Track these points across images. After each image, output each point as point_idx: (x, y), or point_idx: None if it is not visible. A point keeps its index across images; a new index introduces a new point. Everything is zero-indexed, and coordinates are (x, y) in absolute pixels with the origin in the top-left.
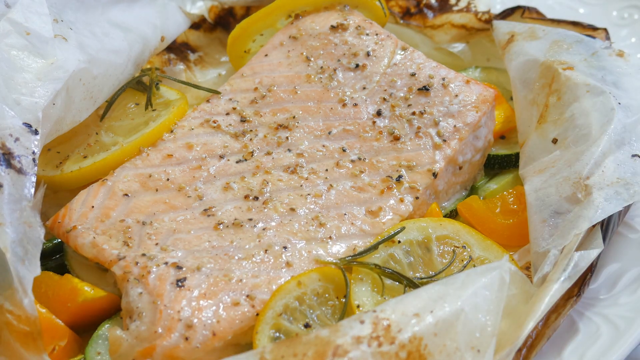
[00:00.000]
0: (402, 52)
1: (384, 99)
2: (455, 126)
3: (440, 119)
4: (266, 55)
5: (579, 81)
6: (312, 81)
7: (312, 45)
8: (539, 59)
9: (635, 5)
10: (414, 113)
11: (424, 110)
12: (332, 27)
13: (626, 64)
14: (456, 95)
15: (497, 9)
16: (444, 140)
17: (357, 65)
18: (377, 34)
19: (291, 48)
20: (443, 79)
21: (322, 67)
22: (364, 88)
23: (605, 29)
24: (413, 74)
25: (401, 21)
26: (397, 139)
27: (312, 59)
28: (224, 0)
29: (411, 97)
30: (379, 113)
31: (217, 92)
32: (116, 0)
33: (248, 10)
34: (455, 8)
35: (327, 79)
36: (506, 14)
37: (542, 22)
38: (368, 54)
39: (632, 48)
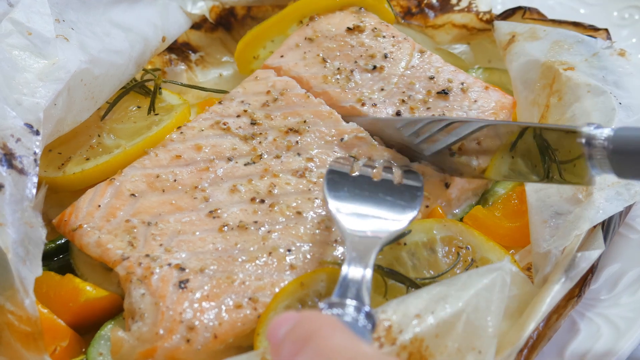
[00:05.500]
0: (420, 55)
1: (403, 101)
2: None
3: None
4: (282, 56)
5: (580, 81)
6: (329, 82)
7: (329, 47)
8: (540, 59)
9: (636, 6)
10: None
11: (443, 114)
12: (349, 28)
13: (628, 63)
14: (475, 101)
15: (498, 9)
16: None
17: (375, 67)
18: (393, 36)
19: (307, 49)
20: (462, 83)
21: (339, 69)
22: (382, 89)
23: (606, 30)
24: (432, 77)
25: (402, 21)
26: None
27: (328, 61)
28: (225, 0)
29: (430, 100)
30: (397, 114)
31: (223, 92)
32: (117, 0)
33: (249, 10)
34: (456, 8)
35: (345, 80)
36: (507, 15)
37: (543, 23)
38: (385, 56)
39: (633, 48)
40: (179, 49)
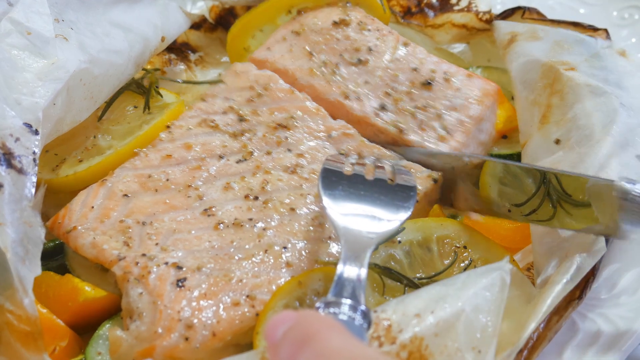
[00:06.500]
0: (404, 48)
1: (387, 93)
2: (459, 119)
3: (444, 112)
4: (268, 49)
5: (580, 82)
6: (314, 75)
7: (315, 40)
8: (541, 59)
9: (635, 6)
10: (417, 107)
11: (427, 104)
12: (335, 22)
13: (628, 62)
14: (459, 89)
15: (498, 9)
16: (449, 133)
17: (360, 60)
18: (378, 30)
19: (294, 42)
20: (445, 73)
21: (324, 62)
22: (367, 82)
23: (605, 30)
24: (415, 69)
25: (402, 20)
26: (400, 131)
27: (314, 54)
28: (224, 0)
29: (414, 91)
30: (382, 107)
31: (220, 81)
32: (117, 0)
33: (248, 10)
34: (456, 7)
35: (330, 73)
36: (507, 15)
37: (542, 23)
38: (370, 49)
39: (633, 48)
40: (179, 49)
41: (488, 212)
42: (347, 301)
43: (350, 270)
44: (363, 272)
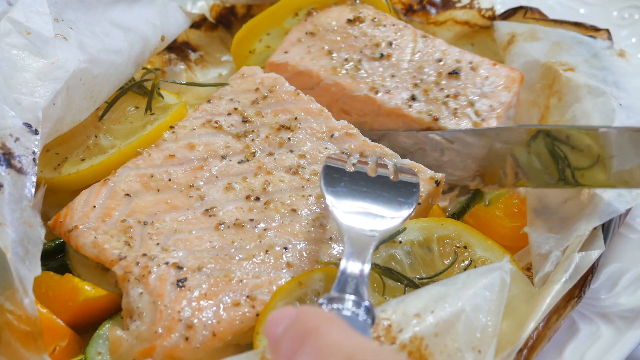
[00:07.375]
0: (424, 40)
1: (416, 85)
2: (491, 105)
3: (476, 99)
4: (286, 52)
5: (580, 82)
6: (338, 73)
7: (332, 39)
8: (540, 60)
9: (635, 6)
10: (448, 96)
11: (458, 93)
12: (349, 20)
13: (627, 63)
14: (487, 77)
15: (498, 9)
16: (483, 120)
17: (382, 55)
18: (394, 25)
19: (310, 43)
20: (470, 62)
21: (346, 59)
22: (393, 76)
23: (607, 30)
24: (439, 60)
25: (404, 17)
26: (435, 120)
27: (334, 52)
28: None
29: (442, 81)
30: (413, 98)
31: (224, 84)
32: (116, 0)
33: (249, 9)
34: (458, 5)
35: (354, 69)
36: (508, 15)
37: (544, 23)
38: (390, 44)
39: (633, 48)
40: (179, 48)
41: (539, 184)
42: (350, 297)
43: (354, 267)
44: (366, 268)
